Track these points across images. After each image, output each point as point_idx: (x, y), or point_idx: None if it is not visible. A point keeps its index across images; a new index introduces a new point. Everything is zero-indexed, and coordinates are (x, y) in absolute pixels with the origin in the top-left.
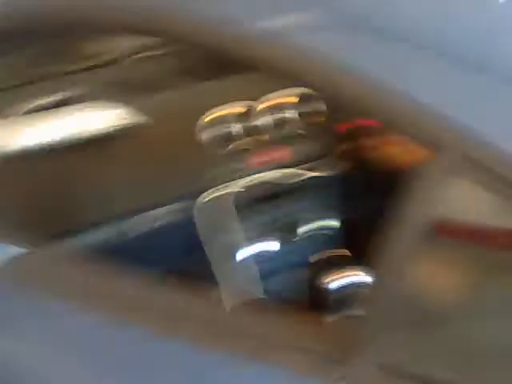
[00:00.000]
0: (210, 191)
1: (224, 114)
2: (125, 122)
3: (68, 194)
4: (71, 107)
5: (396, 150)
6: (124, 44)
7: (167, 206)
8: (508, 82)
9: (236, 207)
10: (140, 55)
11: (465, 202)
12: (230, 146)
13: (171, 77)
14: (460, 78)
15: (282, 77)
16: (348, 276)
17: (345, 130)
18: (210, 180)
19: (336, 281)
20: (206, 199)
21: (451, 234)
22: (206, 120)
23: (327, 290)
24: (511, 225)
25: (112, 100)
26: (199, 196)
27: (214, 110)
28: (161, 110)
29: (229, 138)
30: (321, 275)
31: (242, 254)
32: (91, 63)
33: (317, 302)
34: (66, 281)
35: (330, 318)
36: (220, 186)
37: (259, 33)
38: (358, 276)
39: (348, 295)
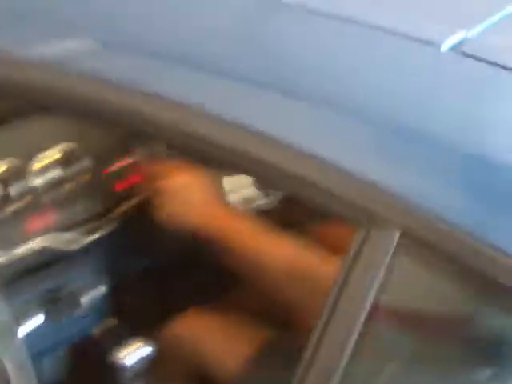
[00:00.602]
0: None
1: None
2: None
3: None
4: None
5: (183, 210)
6: None
7: None
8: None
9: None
10: None
11: (405, 285)
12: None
13: None
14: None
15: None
16: (132, 348)
17: (125, 188)
18: None
19: (120, 355)
20: None
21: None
22: None
23: (112, 366)
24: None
25: None
26: None
27: None
28: None
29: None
30: (104, 350)
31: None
32: None
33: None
34: None
35: None
36: None
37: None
38: (141, 347)
39: (134, 369)
